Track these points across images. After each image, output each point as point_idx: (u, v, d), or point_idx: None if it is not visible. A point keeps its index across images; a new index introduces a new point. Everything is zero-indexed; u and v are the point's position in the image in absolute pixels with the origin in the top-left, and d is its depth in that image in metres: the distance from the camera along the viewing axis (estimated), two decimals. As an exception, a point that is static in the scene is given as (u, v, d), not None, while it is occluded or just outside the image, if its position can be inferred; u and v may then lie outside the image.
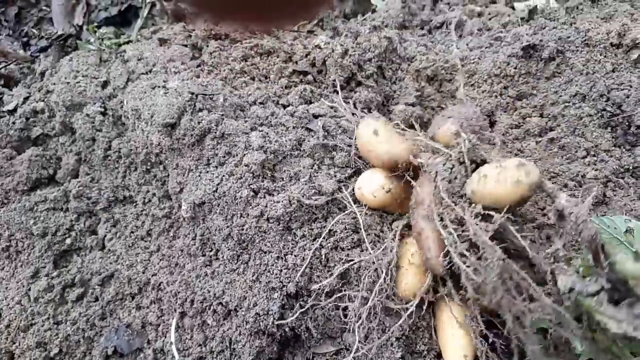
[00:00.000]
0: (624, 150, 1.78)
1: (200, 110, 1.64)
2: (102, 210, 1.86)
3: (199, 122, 1.61)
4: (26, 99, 2.15)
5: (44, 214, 1.83)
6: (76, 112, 1.95)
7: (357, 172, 1.68)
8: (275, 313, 1.44)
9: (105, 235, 1.83)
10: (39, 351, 1.62)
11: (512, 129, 1.87)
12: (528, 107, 1.92)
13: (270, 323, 1.44)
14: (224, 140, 1.61)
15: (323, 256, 1.46)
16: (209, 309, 1.54)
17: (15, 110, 2.11)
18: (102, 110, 1.92)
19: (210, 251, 1.63)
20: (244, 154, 1.58)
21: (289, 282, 1.44)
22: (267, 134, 1.64)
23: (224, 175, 1.56)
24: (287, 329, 1.45)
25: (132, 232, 1.81)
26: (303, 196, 1.50)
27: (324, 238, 1.47)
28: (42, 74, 2.30)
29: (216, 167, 1.60)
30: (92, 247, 1.82)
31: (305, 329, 1.45)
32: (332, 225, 1.48)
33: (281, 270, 1.46)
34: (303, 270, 1.43)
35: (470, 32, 2.35)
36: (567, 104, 1.87)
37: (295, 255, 1.46)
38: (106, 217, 1.85)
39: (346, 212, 1.51)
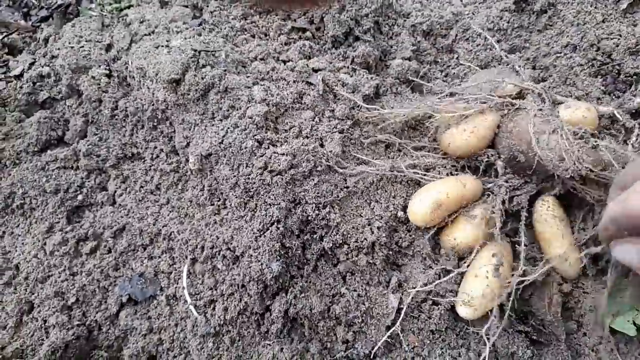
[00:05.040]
0: (614, 97, 1.83)
1: (204, 66, 1.70)
2: (112, 167, 1.92)
3: (202, 78, 1.66)
4: (31, 64, 2.20)
5: (56, 172, 1.90)
6: (82, 75, 2.00)
7: (357, 124, 1.75)
8: (273, 271, 1.51)
9: (115, 191, 1.90)
10: (57, 300, 1.70)
11: (506, 80, 1.93)
12: (521, 60, 1.97)
13: (269, 278, 1.51)
14: (228, 95, 1.66)
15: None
16: (219, 254, 1.62)
17: (21, 75, 2.17)
18: (107, 72, 1.97)
19: (219, 200, 1.70)
20: (247, 107, 1.63)
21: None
22: (268, 87, 1.69)
23: (228, 128, 1.62)
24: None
25: (141, 186, 1.88)
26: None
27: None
28: (46, 40, 2.34)
29: (221, 120, 1.66)
30: (103, 203, 1.89)
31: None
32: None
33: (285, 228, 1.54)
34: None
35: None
36: (558, 55, 1.93)
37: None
38: (115, 173, 1.92)
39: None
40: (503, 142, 1.56)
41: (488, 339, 1.40)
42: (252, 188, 1.56)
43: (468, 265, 1.52)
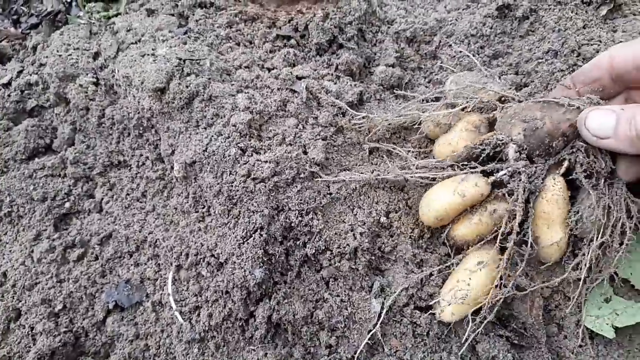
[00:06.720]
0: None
1: (188, 74, 1.72)
2: (98, 174, 1.94)
3: (187, 86, 1.68)
4: (20, 72, 2.21)
5: (43, 180, 1.92)
6: (69, 83, 2.01)
7: (340, 130, 1.77)
8: (256, 278, 1.53)
9: (102, 198, 1.92)
10: (44, 307, 1.72)
11: (489, 86, 1.95)
12: (504, 65, 1.99)
13: (252, 285, 1.53)
14: (212, 103, 1.68)
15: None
16: (203, 261, 1.63)
17: (9, 83, 2.18)
18: (95, 80, 1.99)
19: (203, 208, 1.72)
20: (231, 115, 1.65)
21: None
22: (252, 95, 1.71)
23: (212, 135, 1.64)
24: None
25: (127, 194, 1.90)
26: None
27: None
28: (34, 48, 2.35)
29: (205, 128, 1.68)
30: (90, 210, 1.91)
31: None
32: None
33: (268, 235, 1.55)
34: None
35: (448, -5, 2.42)
36: (540, 61, 1.95)
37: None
38: (102, 181, 1.94)
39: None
40: (513, 120, 1.52)
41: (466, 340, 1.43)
42: (236, 195, 1.58)
43: (449, 266, 1.54)
